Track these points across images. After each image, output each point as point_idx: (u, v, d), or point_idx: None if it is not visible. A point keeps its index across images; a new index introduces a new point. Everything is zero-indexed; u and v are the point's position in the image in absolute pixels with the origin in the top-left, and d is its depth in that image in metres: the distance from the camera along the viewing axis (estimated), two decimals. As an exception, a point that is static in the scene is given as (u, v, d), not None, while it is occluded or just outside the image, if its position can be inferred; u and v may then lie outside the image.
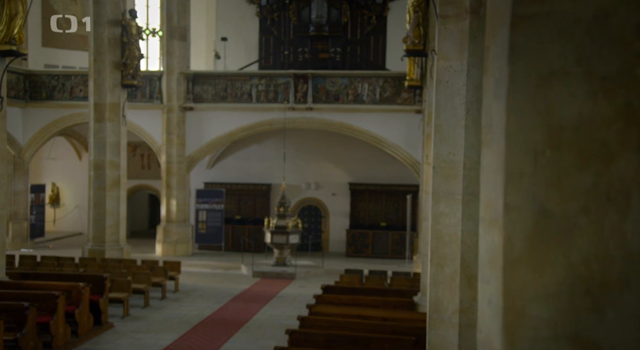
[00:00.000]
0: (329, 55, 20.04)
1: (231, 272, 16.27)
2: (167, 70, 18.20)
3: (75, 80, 18.72)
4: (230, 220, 19.89)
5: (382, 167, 19.56)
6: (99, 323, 10.17)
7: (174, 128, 18.29)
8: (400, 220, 19.35)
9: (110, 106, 14.02)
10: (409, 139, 17.51)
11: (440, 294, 4.89)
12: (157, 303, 12.36)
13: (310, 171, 20.28)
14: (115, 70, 14.01)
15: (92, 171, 14.13)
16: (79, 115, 18.47)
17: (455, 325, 4.75)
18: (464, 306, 4.72)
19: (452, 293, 4.79)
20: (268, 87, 18.15)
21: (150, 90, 18.44)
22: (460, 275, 4.72)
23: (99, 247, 13.86)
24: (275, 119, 18.11)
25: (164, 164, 18.45)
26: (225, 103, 18.32)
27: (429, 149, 8.81)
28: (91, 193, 14.10)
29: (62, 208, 23.20)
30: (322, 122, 18.09)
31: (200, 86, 18.41)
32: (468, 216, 4.67)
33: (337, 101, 17.91)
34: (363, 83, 17.79)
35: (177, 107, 18.27)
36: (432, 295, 4.98)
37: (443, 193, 4.85)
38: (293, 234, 15.89)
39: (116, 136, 14.15)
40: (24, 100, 18.76)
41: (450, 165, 4.77)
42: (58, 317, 8.88)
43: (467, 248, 4.68)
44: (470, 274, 4.69)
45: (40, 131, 19.10)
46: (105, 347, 9.38)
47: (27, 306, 8.16)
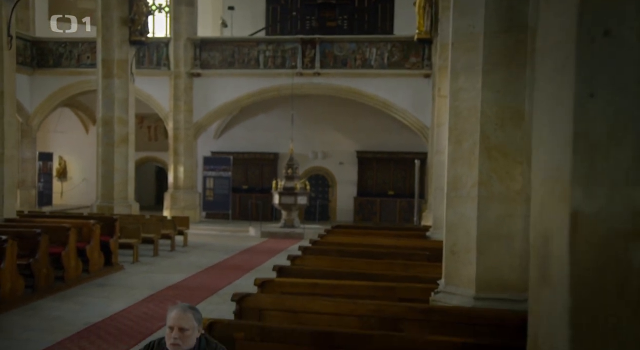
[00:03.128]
0: (336, 24, 19.97)
1: (239, 234, 16.24)
2: (175, 36, 18.18)
3: (83, 47, 18.72)
4: (237, 190, 19.87)
5: (390, 135, 19.49)
6: (109, 264, 10.16)
7: (182, 94, 18.27)
8: (408, 189, 19.27)
9: (118, 62, 13.99)
10: (417, 104, 17.43)
11: (459, 170, 4.83)
12: (166, 254, 12.35)
13: (317, 140, 20.22)
14: (123, 26, 13.98)
15: (100, 128, 14.11)
16: (86, 82, 18.47)
17: (474, 198, 4.70)
18: (483, 178, 4.66)
19: (470, 167, 4.74)
20: (275, 52, 18.10)
21: (157, 56, 18.42)
22: (479, 147, 4.66)
23: (108, 203, 13.84)
24: (282, 85, 18.05)
25: (171, 131, 18.44)
26: (233, 69, 18.27)
27: (445, 78, 8.75)
28: (99, 150, 14.07)
29: (69, 181, 23.21)
30: (329, 87, 18.01)
31: (208, 52, 18.37)
32: (488, 86, 4.62)
33: (345, 66, 17.83)
34: (371, 48, 17.70)
35: (184, 73, 18.24)
36: (450, 174, 4.92)
37: (462, 67, 4.79)
38: (301, 196, 15.86)
39: (124, 93, 14.12)
40: (31, 67, 18.78)
41: (469, 38, 4.71)
42: (69, 250, 8.87)
43: (487, 119, 4.62)
44: (490, 145, 4.63)
45: (48, 98, 19.12)
46: (116, 282, 9.36)
47: (39, 232, 8.16)
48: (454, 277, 4.86)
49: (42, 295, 8.04)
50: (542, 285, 2.43)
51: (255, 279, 5.12)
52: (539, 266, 2.48)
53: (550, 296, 2.32)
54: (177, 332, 2.84)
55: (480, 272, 4.68)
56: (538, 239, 2.50)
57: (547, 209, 2.36)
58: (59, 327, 6.72)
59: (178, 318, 2.87)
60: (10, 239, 7.49)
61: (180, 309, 2.92)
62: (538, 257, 2.50)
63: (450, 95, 4.90)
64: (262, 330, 3.73)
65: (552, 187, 2.26)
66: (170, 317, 2.91)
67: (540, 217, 2.46)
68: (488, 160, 4.65)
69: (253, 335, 3.69)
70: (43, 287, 8.16)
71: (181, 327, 2.85)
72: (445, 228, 4.96)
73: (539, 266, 2.46)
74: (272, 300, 4.48)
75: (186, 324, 2.86)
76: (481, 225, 4.68)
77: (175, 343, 2.84)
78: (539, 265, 2.46)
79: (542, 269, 2.42)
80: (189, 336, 2.86)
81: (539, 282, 2.49)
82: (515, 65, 4.58)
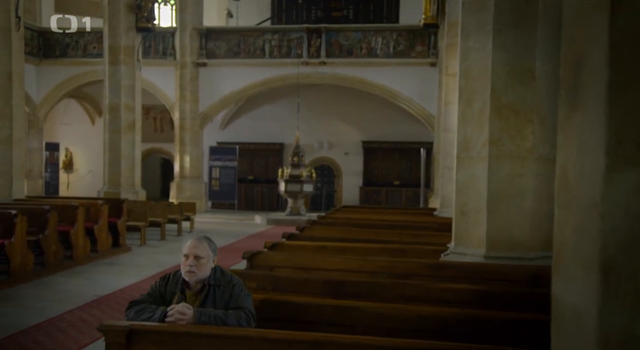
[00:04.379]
0: (342, 14, 19.98)
1: (245, 222, 16.27)
2: (180, 26, 18.21)
3: (89, 37, 18.77)
4: (243, 180, 19.90)
5: (395, 125, 19.47)
6: (117, 245, 10.20)
7: (187, 84, 18.30)
8: (414, 179, 19.25)
9: (124, 49, 14.03)
10: (422, 93, 17.41)
11: (469, 131, 4.83)
12: (174, 238, 12.38)
13: (323, 130, 20.22)
14: (130, 13, 14.02)
15: (107, 114, 14.16)
16: (92, 72, 18.50)
17: (485, 158, 4.69)
18: (494, 138, 4.66)
19: (481, 127, 4.73)
20: (281, 42, 18.10)
21: (163, 46, 18.46)
22: (490, 107, 4.66)
23: (114, 189, 13.88)
24: (288, 75, 18.07)
25: (177, 121, 18.47)
26: (238, 59, 18.29)
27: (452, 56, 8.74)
28: (106, 136, 14.12)
29: (75, 173, 23.28)
30: (335, 76, 18.01)
31: (213, 42, 18.39)
32: (499, 46, 4.61)
33: (351, 55, 17.82)
34: (377, 37, 17.70)
35: (190, 63, 18.27)
36: (461, 135, 4.92)
37: (472, 28, 4.79)
38: (307, 183, 15.87)
39: (131, 80, 14.16)
40: (37, 58, 18.85)
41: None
42: (78, 228, 8.91)
43: (498, 78, 4.62)
44: (500, 104, 4.63)
45: (55, 89, 19.19)
46: (124, 262, 9.40)
47: (48, 209, 8.19)
48: (464, 238, 4.86)
49: (51, 271, 8.08)
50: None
51: (265, 242, 5.13)
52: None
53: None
54: (193, 260, 2.86)
55: (491, 232, 4.68)
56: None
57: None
58: (69, 298, 6.76)
59: (193, 246, 2.89)
60: (20, 214, 7.53)
61: (195, 238, 2.94)
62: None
63: (460, 56, 4.90)
64: (275, 280, 3.74)
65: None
66: (185, 245, 2.92)
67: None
68: (499, 119, 4.65)
69: (265, 285, 3.70)
70: (52, 264, 8.20)
71: (196, 255, 2.86)
72: (456, 189, 4.97)
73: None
74: (282, 257, 4.49)
75: (201, 252, 2.88)
76: (492, 185, 4.68)
77: (191, 271, 2.86)
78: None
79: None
80: (204, 264, 2.88)
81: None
82: (526, 24, 4.58)
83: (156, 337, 2.49)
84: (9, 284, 7.22)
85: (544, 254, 4.63)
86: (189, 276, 2.88)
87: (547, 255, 4.67)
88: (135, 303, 2.86)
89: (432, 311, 2.95)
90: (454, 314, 2.92)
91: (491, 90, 4.65)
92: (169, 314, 2.65)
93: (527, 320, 2.87)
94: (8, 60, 9.78)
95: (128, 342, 2.48)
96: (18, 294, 6.95)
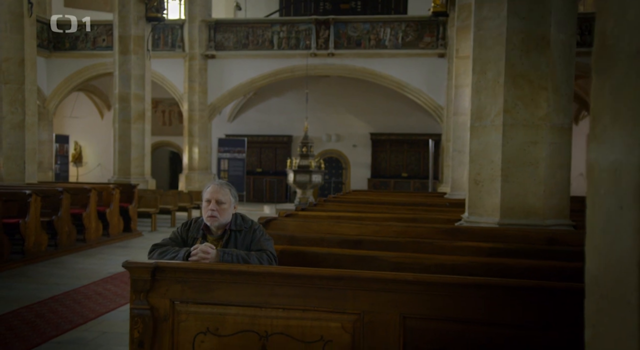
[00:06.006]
0: (349, 6, 19.98)
1: (254, 212, 16.31)
2: (189, 18, 18.27)
3: (98, 30, 18.87)
4: (251, 173, 19.97)
5: (404, 117, 19.49)
6: (128, 230, 10.27)
7: (196, 76, 18.36)
8: (422, 170, 19.28)
9: (134, 38, 14.10)
10: (431, 84, 17.40)
11: (483, 99, 4.84)
12: (184, 225, 12.44)
13: (331, 123, 20.26)
14: (140, 3, 14.08)
15: (117, 104, 14.22)
16: (102, 65, 18.64)
17: (499, 126, 4.71)
18: (508, 106, 4.67)
19: (495, 96, 4.75)
20: (289, 33, 18.14)
21: (172, 38, 18.53)
22: (504, 75, 4.67)
23: (124, 178, 13.94)
24: (296, 66, 18.10)
25: (186, 112, 18.54)
26: (247, 50, 18.33)
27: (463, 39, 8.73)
28: (116, 126, 14.19)
29: (84, 166, 23.42)
30: (343, 68, 18.02)
31: (222, 34, 18.45)
32: (514, 13, 4.63)
33: (359, 46, 17.83)
34: (385, 28, 17.70)
35: (198, 55, 18.33)
36: (475, 104, 4.94)
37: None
38: (316, 174, 15.88)
39: (141, 69, 14.23)
40: (47, 50, 18.95)
41: (493, -33, 4.73)
42: (90, 211, 8.98)
43: (513, 46, 4.63)
44: (515, 73, 4.64)
45: (64, 81, 19.29)
46: (136, 245, 9.47)
47: (61, 190, 8.26)
48: (478, 206, 4.87)
49: (64, 251, 8.16)
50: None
51: (280, 211, 5.16)
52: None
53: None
54: (215, 205, 2.88)
55: (505, 200, 4.69)
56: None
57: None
58: (84, 275, 6.83)
59: (215, 191, 2.92)
60: (35, 194, 7.60)
61: (217, 183, 2.97)
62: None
63: (474, 25, 4.91)
64: (292, 239, 3.77)
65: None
66: (207, 191, 2.95)
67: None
68: (513, 87, 4.66)
69: (283, 241, 3.73)
70: (65, 244, 8.28)
71: (218, 200, 2.89)
72: (469, 159, 4.98)
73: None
74: (297, 223, 4.52)
75: (223, 197, 2.91)
76: (506, 153, 4.69)
77: (213, 215, 2.88)
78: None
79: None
80: (225, 210, 2.90)
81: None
82: (540, -9, 4.59)
83: (180, 275, 2.53)
84: (24, 262, 7.30)
85: (559, 222, 4.65)
86: (210, 221, 2.91)
87: (562, 223, 4.69)
88: (158, 246, 2.89)
89: (451, 259, 2.98)
90: (473, 261, 2.95)
91: (505, 59, 4.66)
92: (192, 253, 2.68)
93: (544, 268, 2.89)
94: (20, 46, 9.87)
95: (152, 279, 2.52)
96: (33, 271, 7.02)
